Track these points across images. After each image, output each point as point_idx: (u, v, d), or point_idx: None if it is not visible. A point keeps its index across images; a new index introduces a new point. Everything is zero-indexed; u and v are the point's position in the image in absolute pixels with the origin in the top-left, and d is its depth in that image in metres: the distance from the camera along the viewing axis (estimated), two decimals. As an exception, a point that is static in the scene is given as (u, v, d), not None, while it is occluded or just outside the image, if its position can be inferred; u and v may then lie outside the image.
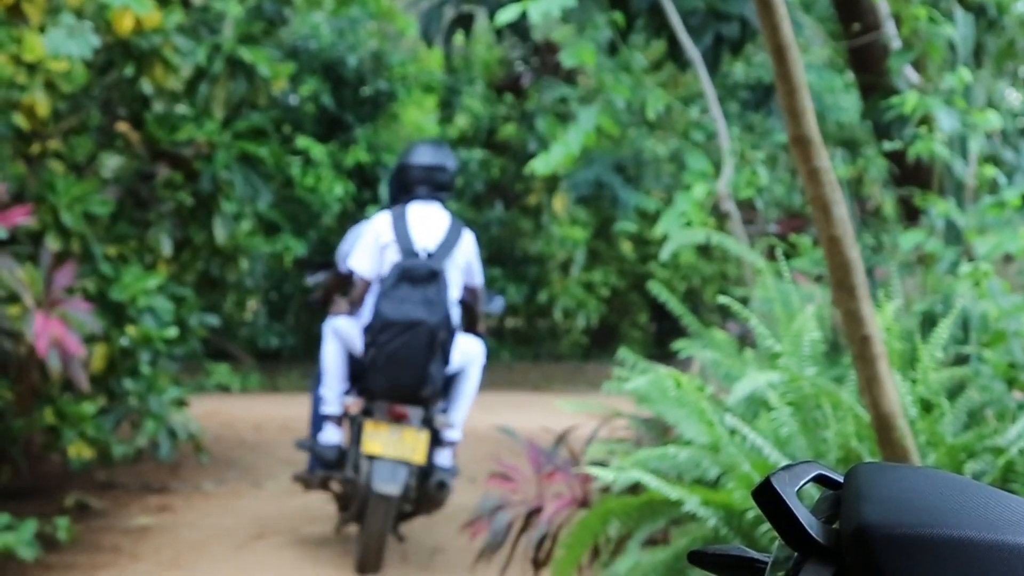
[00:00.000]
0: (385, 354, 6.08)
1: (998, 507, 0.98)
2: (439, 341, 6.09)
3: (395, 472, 6.03)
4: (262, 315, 13.94)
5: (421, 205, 6.39)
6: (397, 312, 6.07)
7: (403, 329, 6.06)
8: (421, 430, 6.11)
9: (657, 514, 4.33)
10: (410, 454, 6.06)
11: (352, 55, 13.35)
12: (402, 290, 6.12)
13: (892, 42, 7.01)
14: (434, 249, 6.27)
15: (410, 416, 6.10)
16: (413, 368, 6.06)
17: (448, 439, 6.39)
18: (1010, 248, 5.03)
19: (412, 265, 6.16)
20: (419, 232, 6.28)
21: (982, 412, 4.38)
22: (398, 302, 6.09)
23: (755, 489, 1.00)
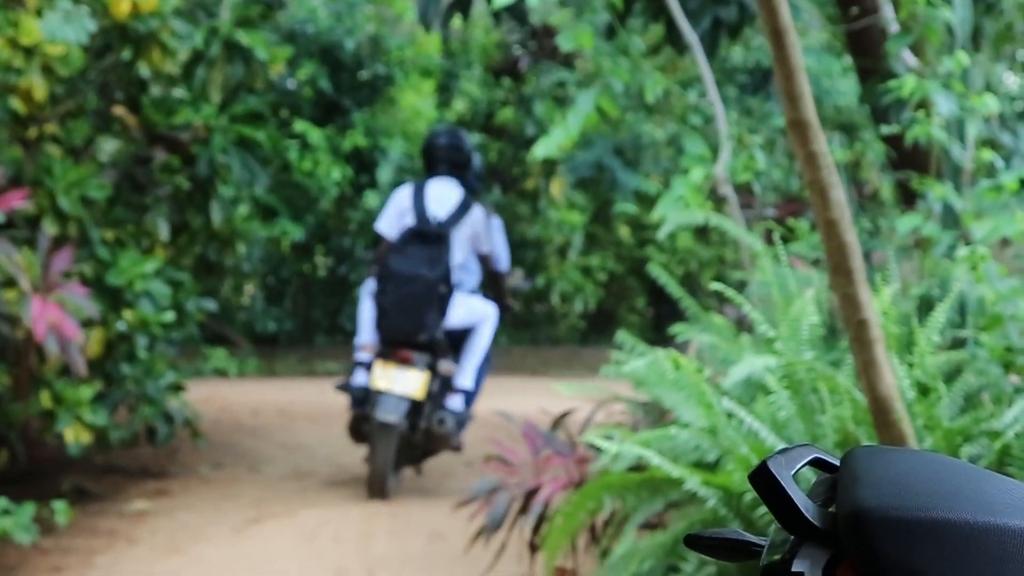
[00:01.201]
0: (390, 301, 7.06)
1: (994, 490, 0.98)
2: (437, 294, 7.04)
3: (397, 405, 6.93)
4: (259, 299, 13.95)
5: (439, 180, 7.41)
6: (403, 266, 7.07)
7: (406, 281, 7.03)
8: (423, 371, 7.02)
9: (656, 493, 4.33)
10: (411, 390, 6.96)
11: (350, 39, 13.32)
12: (410, 249, 7.12)
13: (890, 26, 7.00)
14: (444, 218, 7.25)
15: (415, 360, 7.02)
16: (412, 315, 7.00)
17: (458, 386, 7.31)
18: (1007, 232, 5.03)
19: (420, 228, 7.17)
20: (433, 202, 7.28)
21: (979, 396, 4.38)
22: (405, 258, 7.09)
23: (752, 472, 1.00)
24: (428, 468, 8.05)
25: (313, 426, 9.80)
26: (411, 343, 7.06)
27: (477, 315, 7.36)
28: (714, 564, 3.94)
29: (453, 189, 7.40)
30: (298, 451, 8.76)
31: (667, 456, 4.22)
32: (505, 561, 5.30)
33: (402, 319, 7.04)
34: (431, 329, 7.05)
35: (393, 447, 7.00)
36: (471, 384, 7.39)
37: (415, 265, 7.07)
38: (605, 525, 4.77)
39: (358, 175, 13.45)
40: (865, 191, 9.81)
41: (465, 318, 7.30)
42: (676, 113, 12.79)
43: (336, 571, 5.93)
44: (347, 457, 8.51)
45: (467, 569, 5.62)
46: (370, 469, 7.09)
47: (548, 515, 5.00)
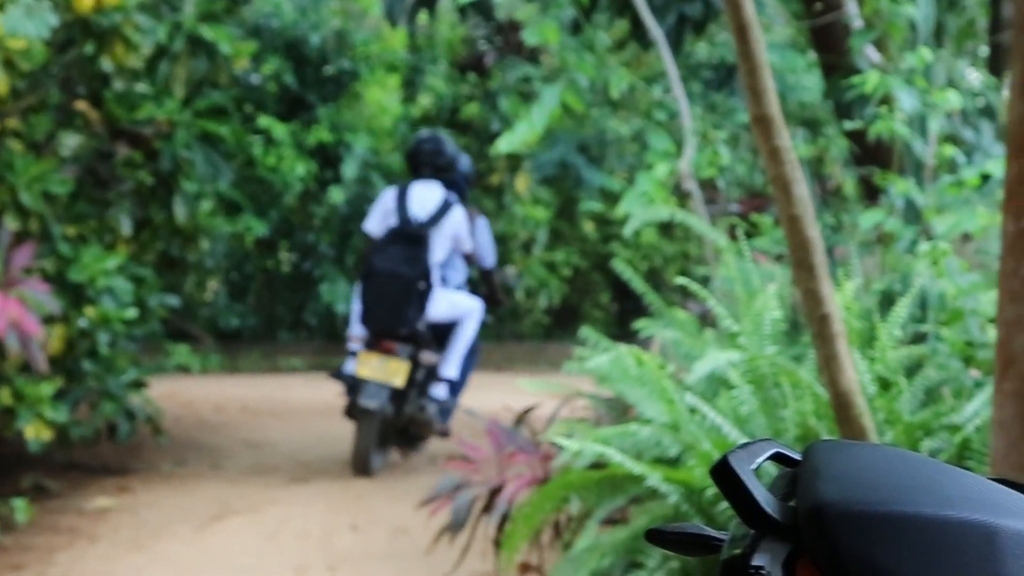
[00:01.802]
0: (372, 297, 7.56)
1: (953, 484, 0.98)
2: (416, 290, 7.52)
3: (378, 392, 7.42)
4: (222, 295, 13.89)
5: (422, 183, 7.83)
6: (384, 264, 7.56)
7: (387, 278, 7.52)
8: (405, 361, 7.48)
9: (618, 490, 4.33)
10: (391, 378, 7.44)
11: (315, 34, 13.28)
12: (392, 248, 7.60)
13: (854, 22, 7.03)
14: (424, 219, 7.67)
15: (398, 351, 7.49)
16: (393, 310, 7.48)
17: (442, 376, 7.79)
18: (968, 227, 5.06)
19: (401, 228, 7.62)
20: (415, 204, 7.71)
21: (939, 390, 4.40)
22: (386, 257, 7.57)
23: (712, 467, 1.00)
24: (391, 464, 8.04)
25: (276, 422, 9.77)
26: (394, 335, 7.52)
27: (461, 310, 7.81)
28: (677, 559, 3.95)
29: (435, 191, 7.79)
30: (261, 447, 8.74)
31: (629, 452, 4.22)
32: (469, 557, 5.30)
33: (384, 313, 7.50)
34: (411, 323, 7.52)
35: (375, 430, 7.50)
36: (455, 374, 7.85)
37: (395, 263, 7.54)
38: (568, 521, 4.77)
39: (323, 170, 13.41)
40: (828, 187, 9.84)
41: (449, 312, 7.75)
42: (641, 109, 12.81)
43: (298, 568, 5.91)
44: (310, 453, 8.49)
45: (430, 565, 5.62)
46: (354, 449, 7.62)
47: (512, 512, 4.99)
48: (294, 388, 11.75)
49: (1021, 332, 2.79)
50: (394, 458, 8.15)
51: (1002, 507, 0.96)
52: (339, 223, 13.59)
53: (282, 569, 5.90)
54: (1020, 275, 2.79)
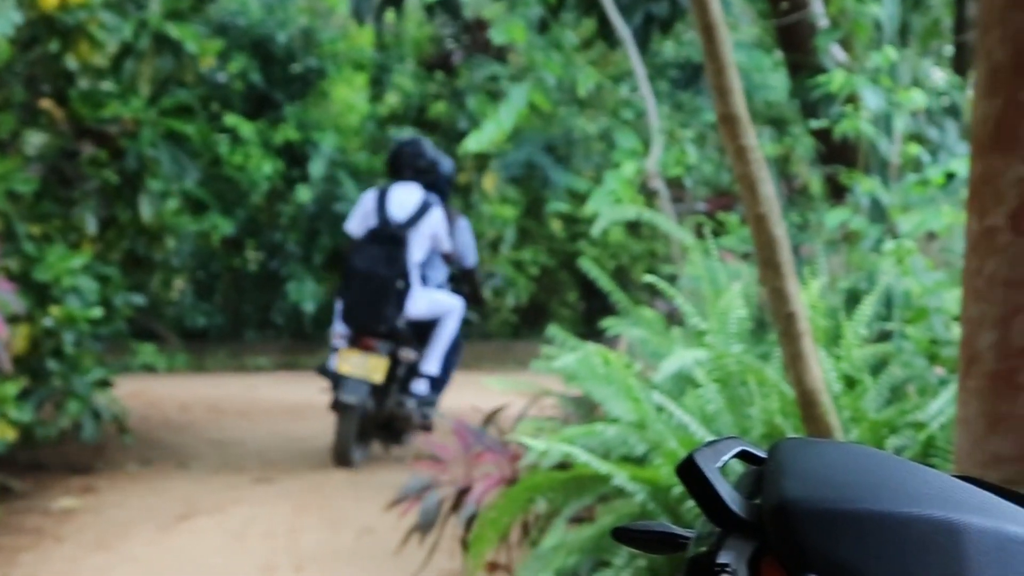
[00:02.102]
0: (352, 296, 7.78)
1: (917, 481, 0.99)
2: (394, 289, 7.72)
3: (357, 387, 7.63)
4: (189, 294, 13.83)
5: (402, 185, 7.98)
6: (363, 264, 7.76)
7: (365, 278, 7.72)
8: (384, 358, 7.70)
9: (584, 490, 4.34)
10: (371, 374, 7.66)
11: (281, 32, 13.24)
12: (370, 248, 7.79)
13: (819, 21, 7.06)
14: (403, 220, 7.84)
15: (377, 347, 7.70)
16: (372, 308, 7.70)
17: (423, 372, 7.99)
18: (933, 226, 5.08)
19: (380, 229, 7.80)
20: (394, 205, 7.88)
21: (904, 388, 4.42)
22: (365, 257, 7.77)
23: (678, 465, 1.00)
24: (361, 463, 8.02)
25: (243, 421, 9.74)
26: (374, 333, 7.73)
27: (441, 307, 8.00)
28: (643, 557, 3.96)
29: (414, 193, 7.95)
30: (228, 447, 8.71)
31: (596, 451, 4.22)
32: (437, 556, 5.29)
33: (363, 312, 7.73)
34: (389, 321, 7.74)
35: (355, 424, 7.73)
36: (436, 370, 8.05)
37: (374, 263, 7.74)
38: (536, 519, 4.77)
39: (290, 169, 13.37)
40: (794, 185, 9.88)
41: (429, 310, 7.96)
42: (608, 107, 12.83)
43: (265, 567, 5.90)
44: (277, 453, 8.46)
45: (397, 565, 5.61)
46: (334, 442, 7.83)
47: (480, 514, 4.99)
48: (261, 387, 11.71)
49: (985, 330, 2.81)
50: (376, 451, 8.24)
51: (966, 504, 0.96)
52: (306, 222, 13.56)
53: (248, 569, 5.88)
54: (984, 274, 2.81)
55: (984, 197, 2.81)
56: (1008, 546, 0.94)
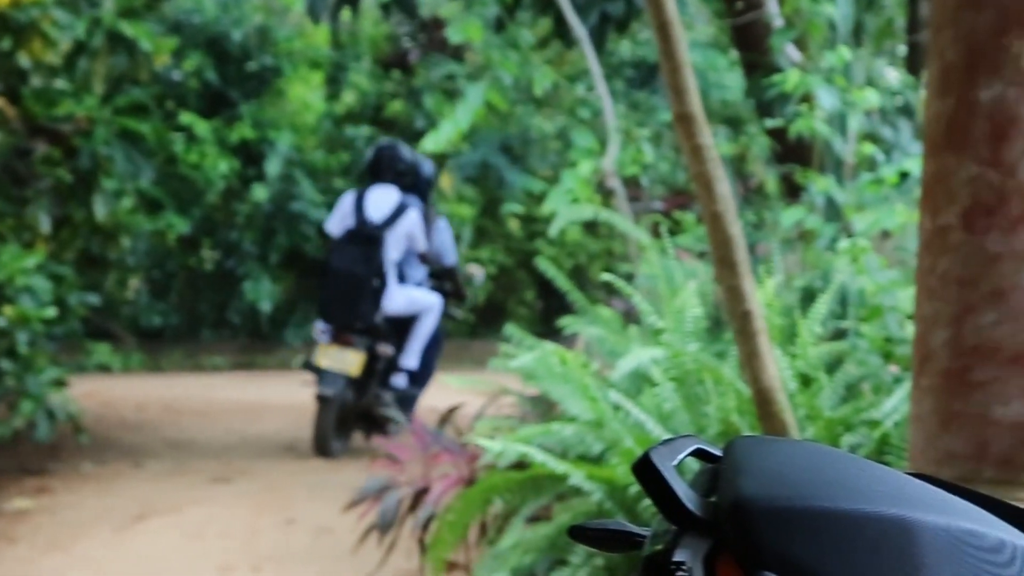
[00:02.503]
0: (330, 293, 8.11)
1: (871, 479, 0.99)
2: (370, 287, 8.02)
3: (335, 380, 7.94)
4: (144, 293, 13.75)
5: (379, 187, 8.27)
6: (340, 263, 8.08)
7: (342, 276, 8.03)
8: (361, 352, 8.00)
9: (542, 489, 4.34)
10: (348, 368, 7.95)
11: (237, 30, 13.18)
12: (348, 248, 8.10)
13: (774, 21, 7.09)
14: (379, 220, 8.13)
15: (355, 342, 8.01)
16: (348, 305, 7.99)
17: (402, 366, 8.28)
18: (887, 224, 5.11)
19: (357, 229, 8.11)
20: (371, 206, 8.17)
21: (859, 386, 4.45)
22: (342, 256, 8.09)
23: (634, 464, 1.00)
24: (315, 463, 8.01)
25: (200, 421, 9.69)
26: (351, 328, 8.03)
27: (419, 304, 8.28)
28: (601, 556, 3.96)
29: (391, 195, 8.23)
30: (184, 447, 8.66)
31: (554, 450, 4.23)
32: (393, 556, 5.28)
33: (339, 308, 8.04)
34: (366, 317, 8.04)
35: (332, 416, 8.01)
36: (415, 364, 8.33)
37: (351, 262, 8.05)
38: (494, 519, 4.77)
39: (246, 167, 13.32)
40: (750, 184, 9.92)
41: (406, 307, 8.24)
42: (565, 107, 12.84)
43: (222, 568, 5.87)
44: (234, 453, 8.43)
45: (355, 565, 5.60)
46: (313, 433, 8.11)
47: (438, 516, 4.99)
48: (217, 387, 11.65)
49: (938, 328, 2.83)
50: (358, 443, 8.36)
51: (920, 502, 0.97)
52: (262, 221, 13.50)
53: (205, 569, 5.85)
54: (937, 272, 2.83)
55: (937, 196, 2.84)
56: (961, 544, 0.95)
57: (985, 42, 2.75)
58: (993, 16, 2.74)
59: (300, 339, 14.02)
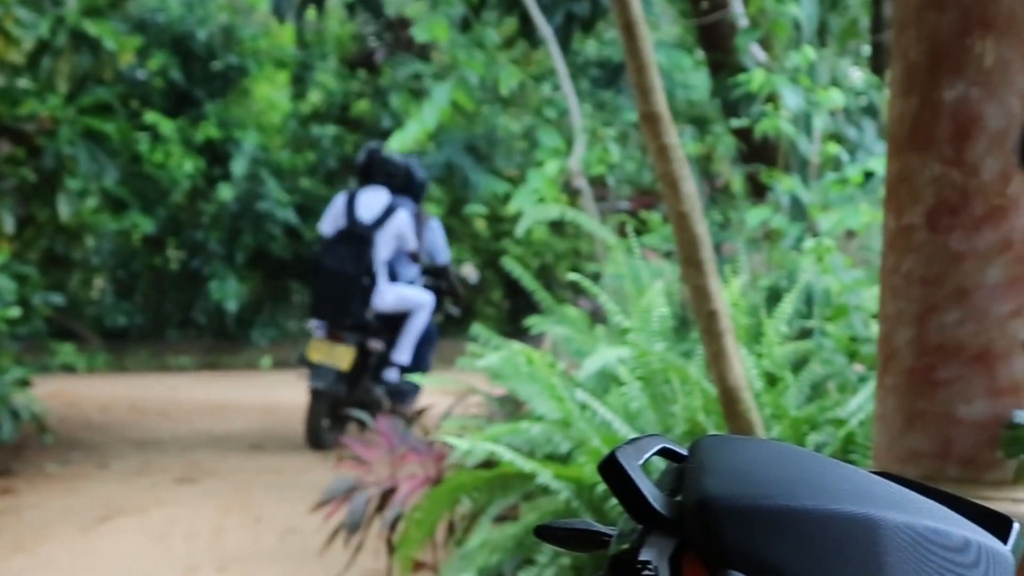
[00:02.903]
0: (321, 291, 8.44)
1: (835, 478, 1.00)
2: (360, 285, 8.30)
3: (325, 374, 8.22)
4: (109, 293, 13.68)
5: (370, 189, 8.56)
6: (331, 262, 8.36)
7: (333, 274, 8.32)
8: (351, 348, 8.27)
9: (509, 488, 4.34)
10: (338, 362, 8.22)
11: (202, 29, 13.13)
12: (338, 247, 8.38)
13: (739, 21, 7.11)
14: (369, 221, 8.41)
15: (346, 338, 8.29)
16: (339, 302, 8.29)
17: (394, 361, 8.56)
18: (852, 224, 5.14)
19: (348, 229, 8.39)
20: (362, 208, 8.46)
21: (824, 385, 4.46)
22: (333, 255, 8.37)
23: (600, 463, 1.00)
24: (281, 464, 7.99)
25: (165, 422, 9.65)
26: (341, 325, 8.32)
27: (410, 302, 8.56)
28: (567, 556, 3.97)
29: (381, 196, 8.51)
30: (149, 447, 8.63)
31: (521, 450, 4.23)
32: (361, 557, 5.28)
33: (331, 305, 8.34)
34: (356, 314, 8.33)
35: (323, 408, 8.30)
36: (407, 359, 8.58)
37: (341, 261, 8.33)
38: (461, 518, 4.77)
39: (211, 167, 13.27)
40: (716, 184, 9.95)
41: (397, 304, 8.51)
42: (531, 106, 12.85)
43: (188, 568, 5.85)
44: (200, 453, 8.40)
45: (321, 565, 5.59)
46: (305, 424, 8.39)
47: (406, 515, 4.98)
48: (183, 387, 11.61)
49: (902, 327, 2.84)
50: None
51: (883, 500, 0.98)
52: (228, 220, 13.46)
53: (171, 570, 5.83)
54: (901, 271, 2.85)
55: (901, 195, 2.85)
56: (925, 542, 0.96)
57: (948, 42, 2.77)
58: (956, 16, 2.76)
59: (266, 339, 13.99)
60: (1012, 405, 2.75)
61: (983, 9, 2.75)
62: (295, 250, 13.96)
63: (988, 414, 2.76)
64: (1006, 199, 2.74)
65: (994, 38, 2.73)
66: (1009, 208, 2.74)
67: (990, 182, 2.75)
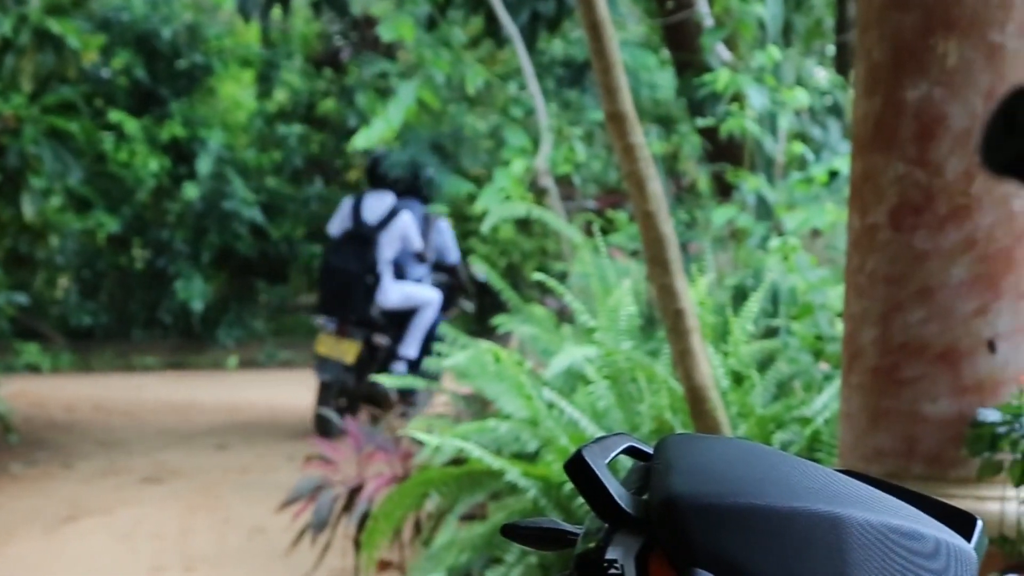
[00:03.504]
0: (327, 289, 8.87)
1: (801, 476, 1.01)
2: (362, 284, 8.71)
3: (331, 367, 8.58)
4: (74, 293, 13.60)
5: (375, 193, 9.03)
6: (337, 261, 8.81)
7: (338, 273, 8.74)
8: (356, 342, 8.63)
9: (477, 486, 4.34)
10: (343, 356, 8.58)
11: (166, 27, 13.07)
12: (344, 248, 8.82)
13: (705, 20, 7.13)
14: (374, 223, 8.84)
15: (352, 333, 8.66)
16: (344, 299, 8.70)
17: (401, 355, 8.85)
18: (817, 223, 5.16)
19: (353, 231, 8.82)
20: (367, 210, 8.91)
21: (790, 383, 4.48)
22: (339, 255, 8.82)
23: (567, 462, 1.01)
24: (248, 464, 7.97)
25: (131, 421, 9.61)
26: (347, 320, 8.69)
27: (416, 299, 8.91)
28: (535, 554, 3.97)
29: (386, 199, 8.95)
30: (115, 447, 8.59)
31: (488, 448, 4.23)
32: (328, 556, 5.27)
33: (336, 303, 8.74)
34: (359, 310, 8.72)
35: (330, 398, 8.58)
36: (414, 353, 8.84)
37: (345, 261, 8.76)
38: (428, 517, 4.77)
39: (176, 166, 13.21)
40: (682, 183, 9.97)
41: (403, 301, 8.86)
42: (497, 105, 12.84)
43: (154, 569, 5.83)
44: (165, 453, 8.37)
45: (288, 565, 5.58)
46: (314, 413, 8.60)
47: (372, 511, 4.98)
48: (148, 387, 11.56)
49: (867, 326, 2.86)
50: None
51: (848, 498, 0.98)
52: (194, 219, 13.40)
53: (137, 570, 5.81)
54: (866, 270, 2.86)
55: (865, 195, 2.87)
56: (889, 539, 0.97)
57: (911, 42, 2.79)
58: (919, 16, 2.78)
59: (232, 339, 13.94)
60: (976, 403, 2.77)
61: (945, 9, 2.77)
62: (261, 249, 13.91)
63: (953, 412, 2.78)
64: (970, 198, 2.76)
65: (956, 38, 2.75)
66: (973, 207, 2.76)
67: (954, 181, 2.77)
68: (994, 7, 2.75)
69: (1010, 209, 2.77)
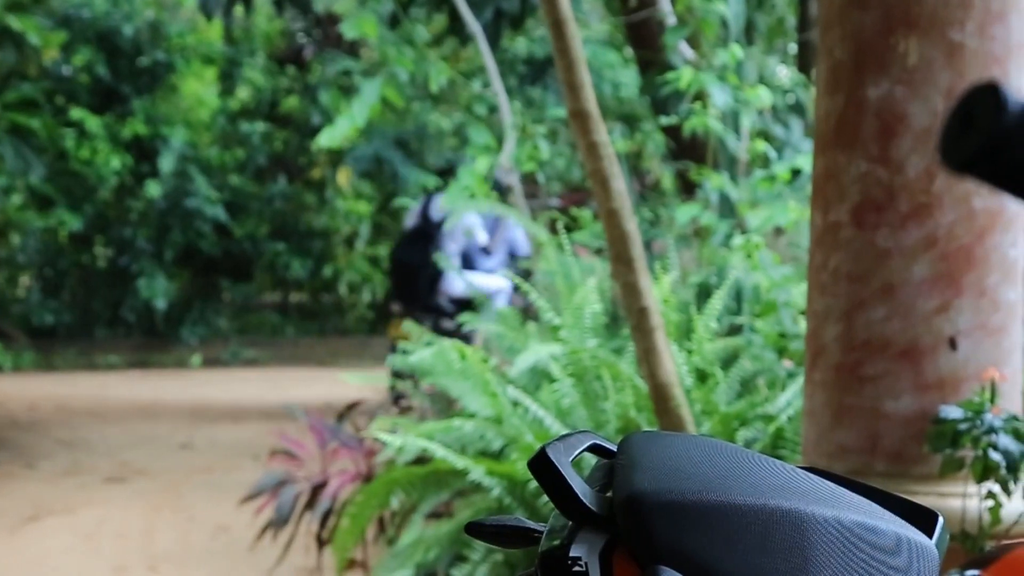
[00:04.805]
0: (395, 279, 9.59)
1: (764, 473, 1.01)
2: (426, 274, 9.22)
3: None
4: (36, 291, 13.52)
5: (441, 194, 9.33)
6: (403, 255, 9.45)
7: (403, 265, 9.36)
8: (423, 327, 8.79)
9: (442, 485, 4.34)
10: None
11: (128, 24, 13.01)
12: (409, 242, 9.42)
13: (667, 19, 7.15)
14: (438, 220, 9.25)
15: (420, 318, 8.91)
16: (410, 288, 9.32)
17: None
18: (780, 221, 5.18)
19: (419, 227, 9.41)
20: (434, 208, 9.38)
21: (754, 381, 4.50)
22: (404, 249, 9.46)
23: (531, 459, 1.01)
24: (211, 463, 7.94)
25: (94, 421, 9.56)
26: (415, 306, 9.26)
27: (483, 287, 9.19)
28: (501, 552, 3.98)
29: None
30: (77, 446, 8.54)
31: (454, 446, 4.23)
32: (292, 553, 5.26)
33: (404, 291, 9.41)
34: (424, 298, 9.29)
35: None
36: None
37: (410, 254, 9.34)
38: (393, 516, 4.76)
39: (139, 164, 13.15)
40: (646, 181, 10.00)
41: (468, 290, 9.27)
42: (461, 103, 12.83)
43: (118, 568, 5.80)
44: (129, 452, 8.33)
45: (252, 562, 5.56)
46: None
47: (336, 509, 4.97)
48: (112, 386, 11.50)
49: (830, 323, 2.87)
50: None
51: (810, 495, 0.99)
52: (156, 217, 13.35)
53: (100, 570, 5.78)
54: (829, 268, 2.88)
55: (828, 193, 2.88)
56: (851, 535, 0.97)
57: (872, 41, 2.80)
58: (879, 15, 2.80)
59: (196, 337, 13.89)
60: (938, 400, 2.79)
61: (906, 8, 2.78)
62: (225, 247, 13.87)
63: (915, 409, 2.80)
64: (931, 196, 2.78)
65: (917, 37, 2.77)
66: (934, 205, 2.78)
67: (915, 179, 2.78)
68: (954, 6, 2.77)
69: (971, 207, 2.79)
